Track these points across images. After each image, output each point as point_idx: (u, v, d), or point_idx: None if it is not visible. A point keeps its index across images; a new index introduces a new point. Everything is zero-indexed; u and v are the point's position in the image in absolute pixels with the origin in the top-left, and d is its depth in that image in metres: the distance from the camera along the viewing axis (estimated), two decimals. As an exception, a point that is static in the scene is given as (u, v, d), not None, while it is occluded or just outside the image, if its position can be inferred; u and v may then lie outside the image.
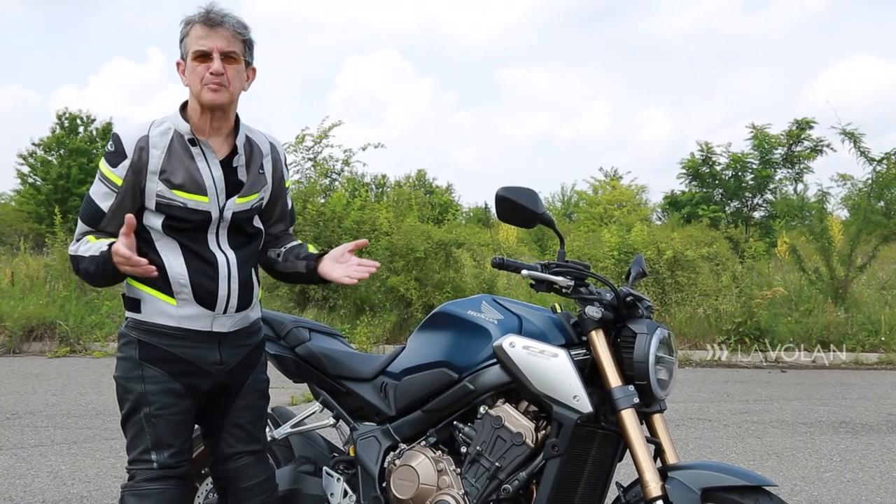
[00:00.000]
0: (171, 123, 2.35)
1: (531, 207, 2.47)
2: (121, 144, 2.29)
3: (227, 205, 2.36)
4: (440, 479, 2.55)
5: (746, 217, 16.01)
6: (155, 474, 2.32)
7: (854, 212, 11.48)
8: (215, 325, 2.38)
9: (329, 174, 12.34)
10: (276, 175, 2.53)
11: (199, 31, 2.29)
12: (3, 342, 9.57)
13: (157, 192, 2.29)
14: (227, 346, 2.42)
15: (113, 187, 2.30)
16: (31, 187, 31.78)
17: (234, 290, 2.38)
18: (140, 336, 2.35)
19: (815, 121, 14.56)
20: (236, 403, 2.50)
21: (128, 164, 2.28)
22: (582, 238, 13.57)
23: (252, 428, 2.55)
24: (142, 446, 2.33)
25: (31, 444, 5.21)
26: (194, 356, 2.36)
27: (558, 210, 38.23)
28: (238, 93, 2.37)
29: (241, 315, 2.44)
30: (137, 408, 2.34)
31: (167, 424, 2.34)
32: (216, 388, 2.44)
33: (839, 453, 5.26)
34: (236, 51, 2.32)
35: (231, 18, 2.32)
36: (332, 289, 10.74)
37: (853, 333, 9.71)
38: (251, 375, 2.53)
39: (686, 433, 5.74)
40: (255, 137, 2.49)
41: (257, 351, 2.56)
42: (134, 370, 2.35)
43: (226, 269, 2.36)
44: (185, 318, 2.34)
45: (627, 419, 2.36)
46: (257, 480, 2.55)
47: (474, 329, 2.60)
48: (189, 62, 2.31)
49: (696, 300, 10.47)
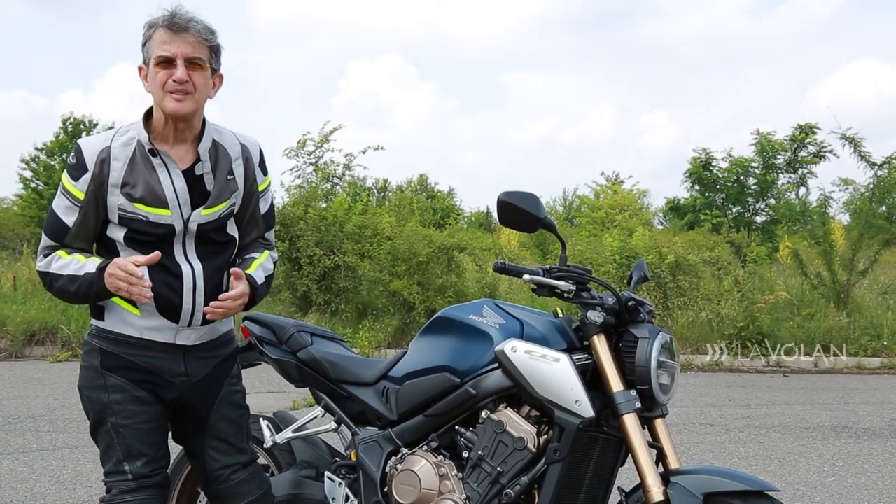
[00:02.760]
0: (134, 132, 2.26)
1: (533, 212, 2.47)
2: (82, 156, 2.21)
3: (192, 216, 2.27)
4: (442, 483, 2.54)
5: (749, 222, 16.01)
6: (131, 486, 2.26)
7: (856, 216, 11.49)
8: (178, 338, 2.30)
9: (330, 178, 12.35)
10: (248, 178, 2.41)
11: (162, 36, 2.19)
12: (5, 347, 9.58)
13: (119, 205, 2.21)
14: (193, 358, 2.34)
15: (75, 201, 2.22)
16: (33, 192, 31.80)
17: (200, 302, 2.28)
18: (102, 345, 2.29)
19: (818, 126, 14.58)
20: (212, 417, 2.42)
21: (89, 177, 2.20)
22: (584, 242, 13.57)
23: (234, 440, 2.47)
24: (114, 458, 2.28)
25: (32, 449, 5.21)
26: (157, 367, 2.29)
27: (560, 214, 38.22)
28: (204, 101, 2.28)
29: (208, 328, 2.35)
30: (103, 418, 2.28)
31: (136, 433, 2.27)
32: (183, 401, 2.36)
33: (842, 458, 5.25)
34: (202, 57, 2.22)
35: (197, 24, 2.22)
36: (334, 293, 10.76)
37: (855, 338, 9.71)
38: (223, 387, 2.44)
39: (688, 438, 5.73)
40: (225, 140, 2.38)
41: (228, 362, 2.47)
42: (97, 379, 2.29)
43: (191, 282, 2.27)
44: (148, 330, 2.26)
45: (629, 424, 2.36)
46: (254, 497, 2.48)
47: (476, 334, 2.60)
48: (151, 68, 2.21)
49: (698, 304, 10.47)
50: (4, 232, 25.45)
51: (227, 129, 2.43)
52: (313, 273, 10.62)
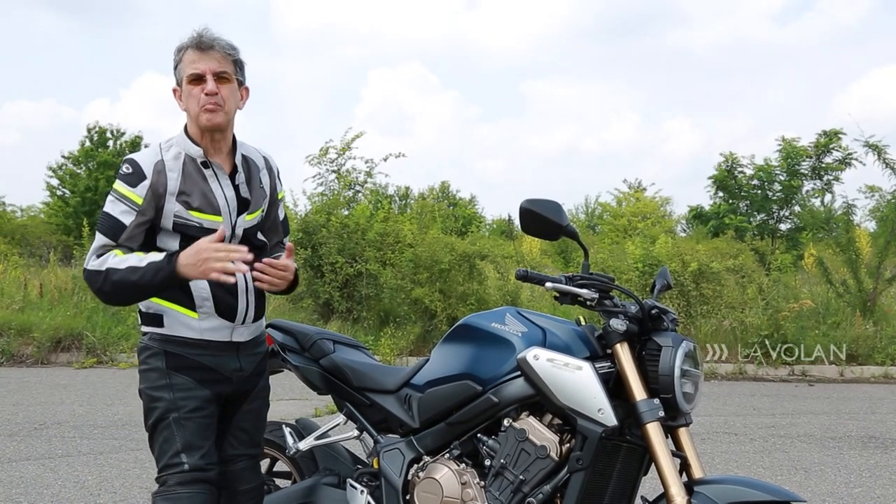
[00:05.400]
0: (179, 148, 2.44)
1: (555, 220, 2.47)
2: (139, 167, 2.38)
3: (238, 222, 2.49)
4: (464, 492, 2.54)
5: (773, 229, 15.88)
6: (187, 477, 2.36)
7: (882, 224, 11.36)
8: (234, 336, 2.50)
9: (352, 186, 12.39)
10: (272, 187, 2.65)
11: (191, 56, 2.40)
12: (32, 353, 9.69)
13: (175, 212, 2.39)
14: (244, 354, 2.55)
15: (133, 206, 2.36)
16: (59, 199, 32.15)
17: (252, 302, 2.52)
18: (165, 347, 2.44)
19: (843, 132, 14.44)
20: (243, 408, 2.61)
21: (147, 184, 2.36)
22: (606, 250, 13.52)
23: (255, 432, 2.66)
24: (172, 450, 2.38)
25: (58, 455, 5.27)
26: (217, 364, 2.48)
27: (582, 222, 38.09)
28: (233, 112, 2.47)
29: (256, 325, 2.59)
30: (166, 415, 2.40)
31: (196, 427, 2.40)
32: (234, 394, 2.55)
33: (868, 469, 5.18)
34: (228, 70, 2.42)
35: (221, 41, 2.42)
36: (356, 301, 10.79)
37: (882, 347, 9.60)
38: (260, 381, 2.66)
39: (712, 447, 5.68)
40: (249, 153, 2.60)
41: (265, 358, 2.71)
42: (161, 379, 2.43)
43: (244, 283, 2.48)
44: (207, 330, 2.45)
45: (653, 433, 2.34)
46: (255, 484, 2.65)
47: (498, 341, 2.60)
48: (185, 86, 2.42)
49: (722, 313, 10.39)
50: (31, 240, 25.74)
51: (247, 144, 2.62)
52: (335, 280, 10.67)
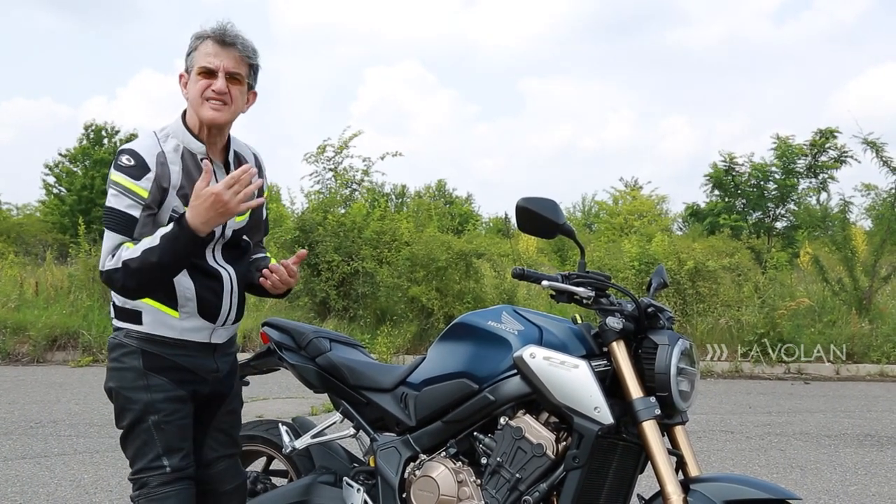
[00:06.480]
0: (177, 140, 2.35)
1: (552, 218, 2.47)
2: (141, 158, 2.26)
3: (229, 222, 2.39)
4: (460, 490, 2.54)
5: (769, 227, 15.89)
6: (169, 477, 2.34)
7: (878, 222, 11.37)
8: (214, 337, 2.45)
9: (349, 184, 12.39)
10: (259, 185, 2.47)
11: (209, 48, 2.31)
12: (28, 351, 9.67)
13: (174, 206, 2.30)
14: (220, 355, 2.50)
15: (138, 199, 2.24)
16: (55, 198, 32.12)
17: (234, 303, 2.46)
18: (143, 346, 2.35)
19: (839, 130, 14.44)
20: (222, 409, 2.57)
21: (152, 176, 2.26)
22: (602, 248, 13.53)
23: (233, 431, 2.63)
24: (151, 454, 2.34)
25: (54, 453, 5.26)
26: (195, 365, 2.42)
27: (579, 220, 38.13)
28: (237, 113, 2.39)
29: (234, 326, 2.54)
30: (143, 417, 2.34)
31: (176, 430, 2.36)
32: (210, 395, 2.50)
33: (864, 466, 5.19)
34: (242, 73, 2.34)
35: (244, 41, 2.34)
36: (353, 299, 10.79)
37: (878, 345, 9.62)
38: (234, 382, 2.62)
39: (708, 445, 5.69)
40: (241, 150, 2.52)
41: (236, 359, 2.66)
42: (138, 380, 2.35)
43: (229, 284, 2.43)
44: (188, 331, 2.38)
45: (649, 431, 2.34)
46: (238, 483, 2.63)
47: (494, 340, 2.59)
48: (193, 75, 2.32)
49: (718, 311, 10.40)
50: (27, 238, 25.70)
51: (238, 139, 2.54)
52: (332, 279, 10.66)
